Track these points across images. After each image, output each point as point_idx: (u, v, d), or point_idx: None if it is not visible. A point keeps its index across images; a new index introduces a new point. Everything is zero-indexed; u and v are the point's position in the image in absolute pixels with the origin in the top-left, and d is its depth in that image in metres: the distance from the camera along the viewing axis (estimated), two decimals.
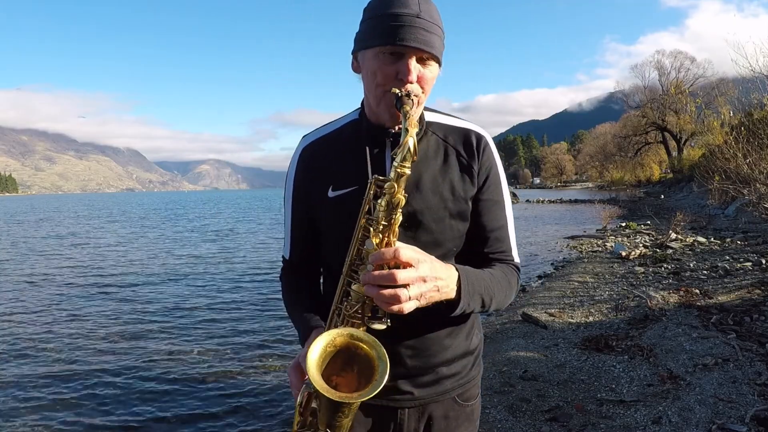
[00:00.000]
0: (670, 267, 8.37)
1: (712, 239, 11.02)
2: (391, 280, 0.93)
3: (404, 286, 0.93)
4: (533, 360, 4.57)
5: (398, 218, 0.99)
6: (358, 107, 1.25)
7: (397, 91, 1.04)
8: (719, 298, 5.99)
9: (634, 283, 7.47)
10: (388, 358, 0.96)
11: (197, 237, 20.30)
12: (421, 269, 0.96)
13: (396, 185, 0.97)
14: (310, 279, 1.31)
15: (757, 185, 10.44)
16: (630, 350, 4.50)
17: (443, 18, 1.12)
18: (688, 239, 11.23)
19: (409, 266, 0.95)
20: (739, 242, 10.30)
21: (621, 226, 16.35)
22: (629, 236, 13.53)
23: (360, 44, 1.12)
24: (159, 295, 9.05)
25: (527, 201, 41.96)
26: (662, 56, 44.66)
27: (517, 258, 1.25)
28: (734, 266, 7.78)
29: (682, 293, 6.30)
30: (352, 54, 1.16)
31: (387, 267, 0.96)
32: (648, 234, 13.61)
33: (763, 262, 7.76)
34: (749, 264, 7.82)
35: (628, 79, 49.32)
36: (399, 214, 0.99)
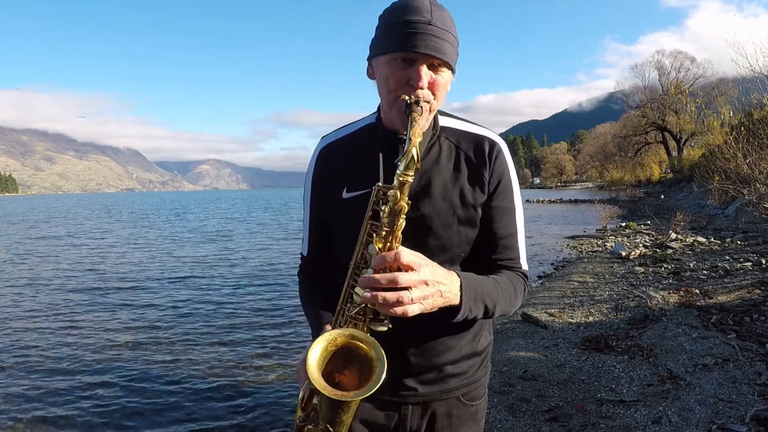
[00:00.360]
0: (670, 267, 8.37)
1: (712, 239, 11.02)
2: (392, 282, 0.93)
3: (406, 288, 0.93)
4: (533, 360, 4.57)
5: (401, 224, 1.00)
6: (374, 111, 1.27)
7: (407, 98, 1.06)
8: (719, 298, 6.00)
9: (634, 283, 7.47)
10: (386, 359, 0.97)
11: (197, 238, 20.30)
12: (423, 272, 0.96)
13: (399, 193, 0.98)
14: (325, 278, 1.32)
15: (757, 185, 10.45)
16: (630, 350, 4.50)
17: (456, 17, 1.14)
18: (688, 239, 11.23)
19: (411, 269, 0.96)
20: (739, 242, 10.30)
21: (621, 226, 16.36)
22: (629, 236, 13.53)
23: (374, 51, 1.15)
24: (158, 296, 9.05)
25: (527, 201, 41.96)
26: (662, 56, 44.75)
27: (525, 266, 1.25)
28: (734, 266, 7.78)
29: (682, 293, 6.30)
30: (368, 60, 1.19)
31: (389, 270, 0.96)
32: (648, 234, 13.61)
33: (763, 262, 7.76)
34: (749, 264, 7.82)
35: (628, 79, 49.42)
36: (402, 220, 1.00)
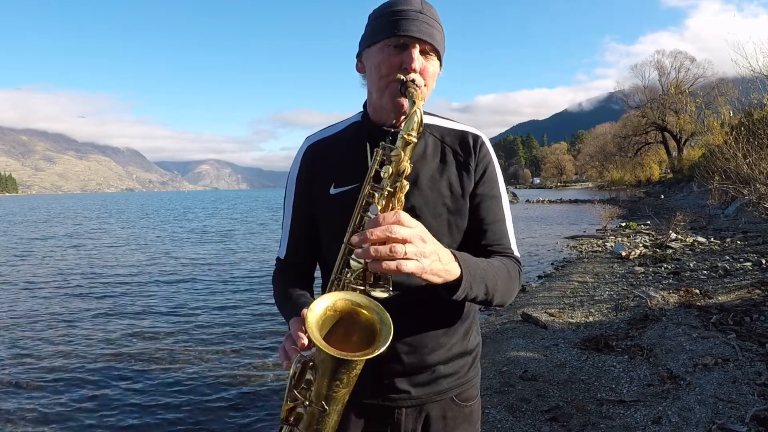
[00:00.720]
0: (670, 267, 8.37)
1: (712, 239, 11.02)
2: (388, 232, 0.88)
3: (402, 242, 0.89)
4: (533, 360, 4.57)
5: (404, 186, 0.99)
6: (360, 110, 1.28)
7: (402, 77, 1.07)
8: (719, 298, 5.99)
9: (634, 283, 7.47)
10: (391, 323, 0.92)
11: (196, 238, 20.29)
12: (421, 230, 0.93)
13: (403, 153, 0.98)
14: (304, 279, 1.30)
15: (757, 185, 10.45)
16: (630, 350, 4.50)
17: (446, 17, 1.14)
18: (688, 239, 11.23)
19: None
20: (739, 242, 10.30)
21: (621, 226, 16.36)
22: (629, 236, 13.53)
23: (364, 43, 1.17)
24: (158, 297, 9.05)
25: (527, 201, 41.96)
26: (662, 56, 44.73)
27: (516, 252, 1.23)
28: (734, 266, 7.78)
29: (682, 293, 6.30)
30: (357, 57, 1.20)
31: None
32: (648, 234, 13.61)
33: (763, 262, 7.76)
34: (749, 264, 7.81)
35: (628, 79, 49.33)
36: (405, 184, 0.99)
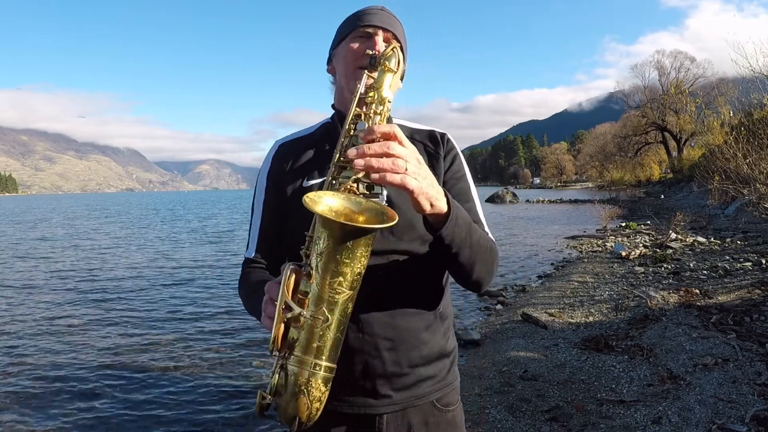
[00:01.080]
0: (670, 267, 8.37)
1: (712, 239, 11.02)
2: (386, 148, 0.86)
3: (401, 158, 0.87)
4: (533, 360, 4.57)
5: (386, 112, 1.00)
6: (331, 115, 1.32)
7: (371, 52, 1.08)
8: (719, 298, 5.99)
9: (634, 283, 7.47)
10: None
11: (196, 238, 20.28)
12: (416, 151, 0.92)
13: (383, 79, 0.99)
14: (269, 273, 1.27)
15: (757, 185, 10.45)
16: (630, 350, 4.50)
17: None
18: (688, 239, 11.23)
19: (402, 146, 0.90)
20: (739, 242, 10.30)
21: (621, 226, 16.35)
22: (629, 236, 13.52)
23: (333, 44, 1.27)
24: (158, 297, 9.05)
25: (527, 201, 41.94)
26: (662, 56, 44.74)
27: (491, 236, 1.22)
28: (734, 266, 7.78)
29: (682, 293, 6.30)
30: (327, 62, 1.29)
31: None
32: (648, 234, 13.60)
33: (763, 262, 7.76)
34: (749, 264, 7.81)
35: (628, 79, 49.36)
36: (387, 108, 1.00)
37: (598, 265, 9.51)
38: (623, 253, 9.98)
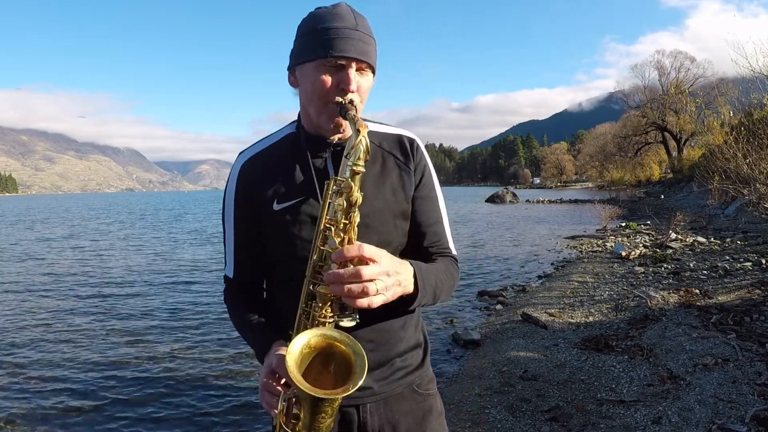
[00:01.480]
0: (670, 267, 8.37)
1: (712, 239, 11.02)
2: (357, 276, 0.95)
3: (370, 281, 0.96)
4: (533, 360, 4.57)
5: (356, 218, 1.02)
6: (293, 121, 1.29)
7: (341, 100, 1.09)
8: (719, 298, 5.99)
9: (634, 283, 7.47)
10: (364, 353, 0.99)
11: (196, 239, 20.29)
12: (384, 264, 0.99)
13: (353, 184, 1.01)
14: (255, 296, 1.32)
15: (757, 185, 10.46)
16: (630, 350, 4.50)
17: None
18: (688, 239, 11.23)
19: (373, 262, 0.98)
20: (739, 242, 10.30)
21: (621, 226, 16.36)
22: (629, 236, 13.53)
23: (298, 58, 1.15)
24: (158, 298, 9.06)
25: (527, 201, 41.95)
26: (662, 56, 44.76)
27: (454, 251, 1.31)
28: (734, 266, 7.78)
29: (682, 293, 6.30)
30: (288, 69, 1.19)
31: (351, 264, 0.97)
32: (648, 234, 13.61)
33: (763, 262, 7.76)
34: (749, 264, 7.82)
35: (628, 79, 49.39)
36: (357, 213, 1.02)
37: (598, 265, 9.51)
38: (623, 253, 9.98)
